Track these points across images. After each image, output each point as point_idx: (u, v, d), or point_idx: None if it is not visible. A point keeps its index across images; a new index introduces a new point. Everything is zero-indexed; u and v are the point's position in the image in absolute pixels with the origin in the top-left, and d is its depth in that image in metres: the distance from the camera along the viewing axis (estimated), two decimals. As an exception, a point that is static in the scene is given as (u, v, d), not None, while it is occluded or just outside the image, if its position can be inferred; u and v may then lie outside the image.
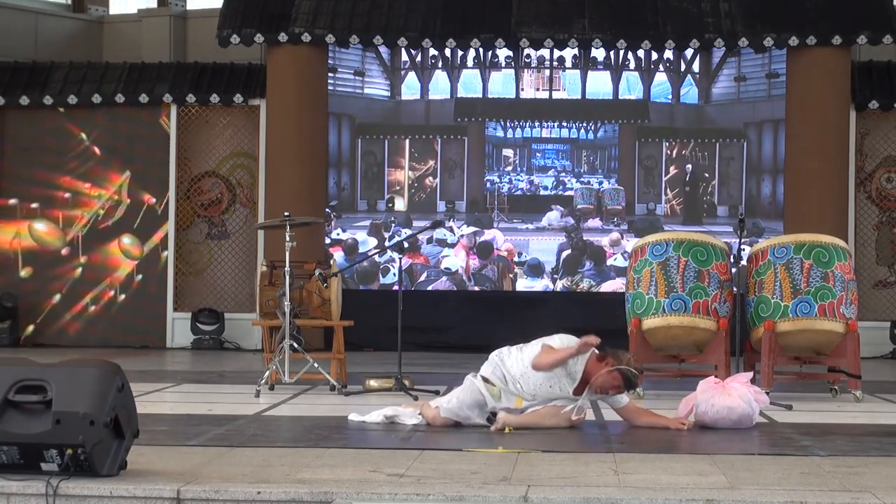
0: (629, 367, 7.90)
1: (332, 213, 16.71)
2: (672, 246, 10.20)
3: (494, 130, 17.11)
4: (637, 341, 10.21)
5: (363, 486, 5.74)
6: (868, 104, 16.25)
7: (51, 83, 16.90)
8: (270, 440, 7.43)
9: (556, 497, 5.58)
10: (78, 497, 5.67)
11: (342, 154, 17.02)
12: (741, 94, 16.91)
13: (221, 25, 16.28)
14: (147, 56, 17.85)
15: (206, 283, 16.89)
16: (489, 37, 16.15)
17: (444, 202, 16.99)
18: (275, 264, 11.04)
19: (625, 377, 7.88)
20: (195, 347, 16.38)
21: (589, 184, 17.02)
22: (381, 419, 8.18)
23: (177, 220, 16.73)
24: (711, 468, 6.37)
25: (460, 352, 14.86)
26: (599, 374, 7.88)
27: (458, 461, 6.54)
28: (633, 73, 16.95)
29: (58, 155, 16.79)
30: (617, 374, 7.87)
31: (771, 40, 15.87)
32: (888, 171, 16.53)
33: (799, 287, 9.88)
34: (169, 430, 7.74)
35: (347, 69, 17.00)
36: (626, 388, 7.98)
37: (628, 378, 7.90)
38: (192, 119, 16.86)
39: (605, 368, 7.88)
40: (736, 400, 8.13)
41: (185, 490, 5.67)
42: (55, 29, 19.01)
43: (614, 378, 7.87)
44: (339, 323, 11.04)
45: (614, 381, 7.88)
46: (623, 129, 17.05)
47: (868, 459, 6.75)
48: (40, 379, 5.80)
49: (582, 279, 16.62)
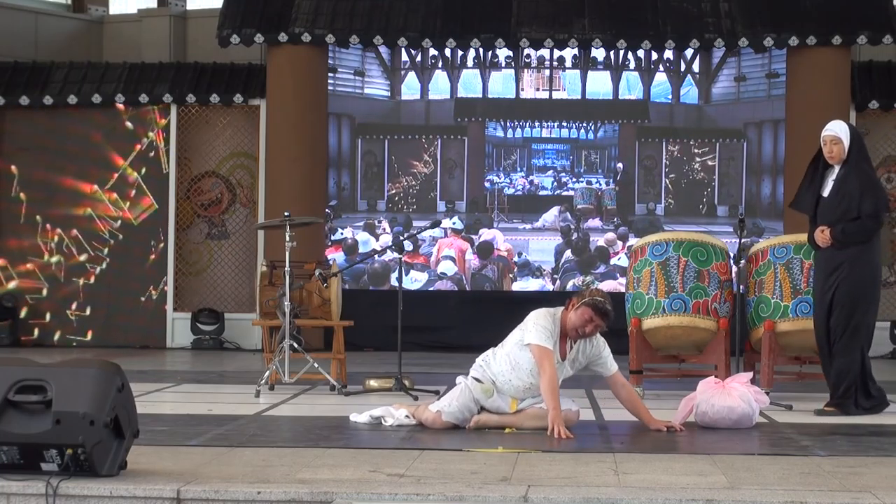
0: (594, 297, 7.73)
1: (332, 214, 16.73)
2: (672, 246, 10.21)
3: (494, 130, 17.12)
4: (637, 341, 10.22)
5: (363, 486, 5.74)
6: (868, 104, 16.25)
7: (51, 83, 16.90)
8: (270, 440, 7.43)
9: (556, 497, 5.58)
10: (78, 497, 5.67)
11: (342, 154, 17.02)
12: (741, 94, 16.91)
13: (221, 25, 16.28)
14: (147, 56, 17.85)
15: (206, 283, 16.89)
16: (489, 37, 16.15)
17: (443, 202, 16.99)
18: (275, 264, 11.05)
19: (593, 307, 7.70)
20: (195, 347, 16.37)
21: (590, 184, 17.02)
22: (368, 419, 8.19)
23: (177, 221, 16.73)
24: (711, 468, 6.38)
25: (460, 352, 14.85)
26: (569, 317, 7.77)
27: (458, 461, 6.54)
28: (633, 73, 16.95)
29: (57, 155, 16.79)
30: (585, 308, 7.72)
31: (771, 40, 15.88)
32: (888, 170, 16.53)
33: (799, 287, 9.88)
34: (169, 431, 7.74)
35: (347, 69, 17.01)
36: (601, 317, 7.73)
37: (597, 307, 7.70)
38: (192, 119, 16.86)
39: (572, 310, 7.77)
40: (736, 400, 8.13)
41: (186, 490, 5.67)
42: (55, 29, 19.01)
43: (584, 313, 7.72)
44: (339, 323, 11.04)
45: (584, 315, 7.72)
46: (623, 129, 17.05)
47: (868, 459, 6.75)
48: (40, 379, 5.80)
49: (593, 282, 16.61)
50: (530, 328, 7.86)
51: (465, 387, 8.01)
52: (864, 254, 8.91)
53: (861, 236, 8.88)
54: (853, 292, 8.87)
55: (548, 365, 7.75)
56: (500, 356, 7.98)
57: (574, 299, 7.83)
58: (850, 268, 8.87)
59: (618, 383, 8.11)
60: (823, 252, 9.00)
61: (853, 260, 8.87)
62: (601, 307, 7.74)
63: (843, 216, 8.86)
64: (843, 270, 8.87)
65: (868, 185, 8.90)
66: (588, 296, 7.79)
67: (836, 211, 8.91)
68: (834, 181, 8.98)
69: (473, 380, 8.03)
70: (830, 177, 9.02)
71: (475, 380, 8.03)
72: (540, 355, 7.77)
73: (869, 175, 8.97)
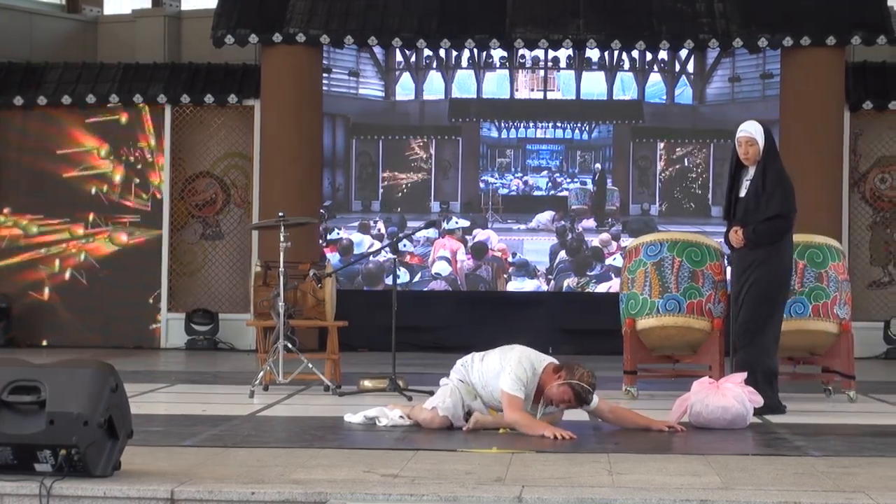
0: (581, 383, 7.70)
1: (326, 214, 16.73)
2: (666, 246, 10.22)
3: (489, 131, 17.12)
4: (631, 342, 10.23)
5: (357, 487, 5.74)
6: (862, 104, 16.26)
7: (45, 83, 16.89)
8: (265, 441, 7.43)
9: (551, 497, 5.58)
10: (72, 498, 5.67)
11: (336, 154, 17.01)
12: (735, 95, 16.92)
13: (216, 26, 16.28)
14: (141, 56, 17.83)
15: (201, 283, 16.88)
16: (484, 37, 16.15)
17: (438, 202, 16.99)
18: (269, 265, 11.04)
19: (575, 392, 7.70)
20: (189, 348, 16.36)
21: (584, 184, 17.03)
22: (362, 419, 8.19)
23: (171, 221, 16.73)
24: (705, 468, 6.38)
25: (455, 352, 14.78)
26: (551, 386, 7.76)
27: (453, 461, 6.54)
28: (628, 74, 16.95)
29: (52, 155, 16.76)
30: (567, 389, 7.70)
31: (765, 41, 15.89)
32: (882, 171, 16.55)
33: (793, 287, 9.88)
34: (163, 431, 7.73)
35: (342, 69, 17.00)
36: (577, 403, 7.76)
37: (578, 393, 7.70)
38: (187, 119, 16.85)
39: (556, 381, 7.74)
40: (730, 400, 8.13)
41: (180, 491, 5.67)
42: (49, 29, 18.99)
43: (564, 392, 7.71)
44: (334, 323, 11.04)
45: (564, 395, 7.71)
46: (617, 130, 17.06)
47: (862, 460, 6.76)
48: (34, 379, 5.79)
49: (589, 282, 16.62)
50: (507, 373, 7.77)
51: (453, 386, 8.03)
52: (775, 254, 8.97)
53: (772, 237, 8.95)
54: (762, 292, 8.94)
55: (514, 414, 7.69)
56: (478, 371, 7.97)
57: (564, 372, 7.75)
58: (760, 268, 8.94)
59: (604, 411, 8.08)
60: (737, 252, 9.11)
61: (764, 260, 8.94)
62: (583, 395, 7.72)
63: (757, 216, 8.91)
64: (754, 270, 8.94)
65: (779, 186, 8.96)
66: (577, 378, 7.71)
67: (750, 211, 8.97)
68: (749, 182, 9.03)
69: (458, 381, 8.04)
70: (746, 177, 9.10)
71: (459, 381, 8.04)
72: (508, 403, 7.72)
73: (780, 176, 9.03)
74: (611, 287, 16.18)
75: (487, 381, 7.90)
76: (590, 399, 7.80)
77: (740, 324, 9.03)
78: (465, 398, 7.99)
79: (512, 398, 7.73)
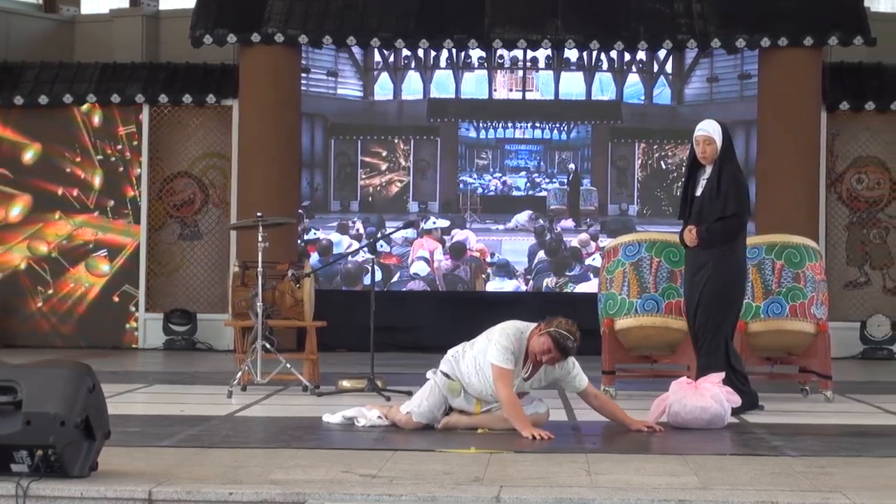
0: (559, 329, 7.56)
1: (305, 214, 16.71)
2: (645, 247, 10.24)
3: (467, 131, 17.12)
4: (610, 342, 10.25)
5: (336, 487, 5.73)
6: (839, 105, 16.32)
7: (22, 83, 16.82)
8: (243, 441, 7.41)
9: (529, 497, 5.59)
10: (49, 498, 5.65)
11: (315, 154, 17.00)
12: (714, 95, 16.96)
13: (194, 26, 16.24)
14: (119, 56, 17.76)
15: (179, 283, 16.84)
16: (462, 37, 16.15)
17: (416, 203, 16.99)
18: (247, 265, 11.01)
19: (554, 339, 7.53)
20: (167, 348, 16.32)
21: (562, 184, 17.05)
22: (341, 420, 8.17)
23: (149, 221, 16.68)
24: (683, 468, 6.39)
25: (433, 352, 14.79)
26: (533, 341, 7.67)
27: (431, 462, 6.54)
28: (606, 74, 16.98)
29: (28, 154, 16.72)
30: (546, 338, 7.57)
31: (743, 41, 15.93)
32: (858, 171, 16.61)
33: (770, 287, 9.91)
34: (141, 431, 7.71)
35: (320, 69, 16.99)
36: (559, 351, 7.57)
37: (557, 340, 7.53)
38: (165, 119, 16.80)
39: (537, 333, 7.66)
40: (708, 400, 8.15)
41: (157, 491, 5.66)
42: (26, 29, 18.90)
43: (544, 342, 7.57)
44: (312, 323, 11.03)
45: (544, 345, 7.57)
46: (596, 130, 17.08)
47: (838, 459, 6.78)
48: (10, 380, 5.77)
49: (567, 283, 16.63)
50: (493, 344, 7.73)
51: (434, 384, 7.98)
52: (729, 254, 8.96)
53: (726, 236, 8.95)
54: (716, 292, 8.92)
55: (502, 387, 7.65)
56: (469, 357, 7.91)
57: (543, 324, 7.67)
58: (714, 268, 8.93)
59: (590, 395, 8.04)
60: (691, 251, 9.09)
61: (717, 260, 8.93)
62: (562, 342, 7.55)
63: (712, 216, 8.92)
64: (708, 270, 8.94)
65: (733, 186, 8.95)
66: (555, 325, 7.61)
67: (704, 210, 8.98)
68: (706, 181, 9.04)
69: (442, 374, 7.98)
70: (703, 176, 9.08)
71: (444, 374, 7.98)
72: (497, 375, 7.68)
73: (735, 175, 9.01)
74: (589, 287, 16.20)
75: (481, 364, 7.81)
76: (570, 347, 7.59)
77: (698, 328, 9.00)
78: (447, 396, 7.95)
79: (501, 370, 7.66)
